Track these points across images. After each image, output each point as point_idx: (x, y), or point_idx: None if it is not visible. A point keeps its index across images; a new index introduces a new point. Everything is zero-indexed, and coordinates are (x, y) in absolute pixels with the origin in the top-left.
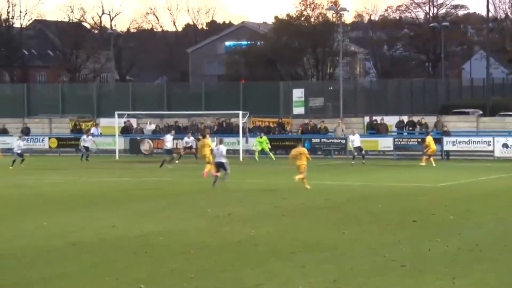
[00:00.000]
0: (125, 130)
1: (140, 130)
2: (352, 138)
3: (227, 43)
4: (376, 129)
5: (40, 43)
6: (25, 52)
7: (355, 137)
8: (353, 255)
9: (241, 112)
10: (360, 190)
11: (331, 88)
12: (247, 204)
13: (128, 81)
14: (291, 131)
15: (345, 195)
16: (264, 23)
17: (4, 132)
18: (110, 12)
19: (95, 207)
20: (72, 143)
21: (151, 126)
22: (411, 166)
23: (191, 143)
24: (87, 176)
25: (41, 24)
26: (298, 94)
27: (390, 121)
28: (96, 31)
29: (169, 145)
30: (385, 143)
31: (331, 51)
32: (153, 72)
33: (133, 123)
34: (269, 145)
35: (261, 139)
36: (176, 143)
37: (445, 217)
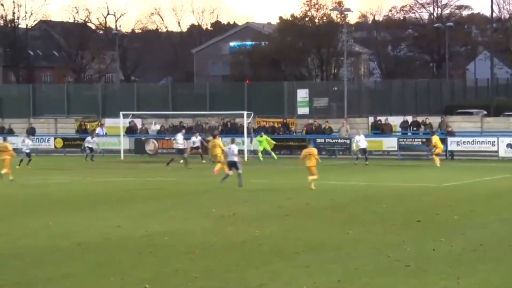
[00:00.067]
0: (130, 130)
1: (145, 130)
2: (358, 138)
3: (231, 43)
4: (381, 129)
5: (46, 44)
6: (31, 53)
7: (360, 137)
8: (358, 255)
9: (245, 112)
10: (364, 190)
11: (336, 89)
12: (251, 204)
13: (133, 81)
14: (295, 131)
15: (349, 195)
16: (269, 24)
17: (10, 132)
18: (115, 12)
19: (100, 207)
20: (77, 143)
21: (156, 126)
22: (415, 166)
23: (197, 143)
24: (92, 176)
25: (47, 25)
26: (302, 94)
27: (395, 121)
28: (101, 32)
29: (181, 145)
30: (390, 143)
31: (335, 51)
32: (158, 72)
33: (138, 123)
34: (271, 144)
35: (261, 138)
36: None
37: (449, 217)
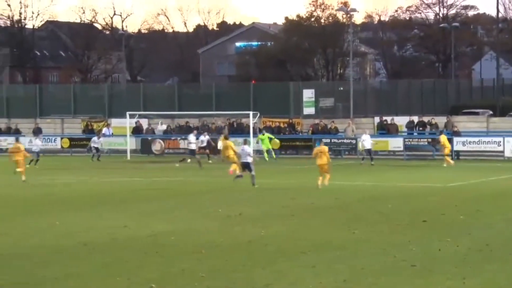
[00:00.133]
0: (136, 131)
1: (152, 131)
2: (364, 137)
3: (237, 43)
4: (386, 129)
5: (52, 44)
6: (37, 53)
7: (366, 137)
8: (363, 255)
9: (251, 113)
10: (370, 190)
11: (341, 89)
12: (257, 204)
13: (139, 81)
14: (301, 131)
15: (355, 195)
16: (274, 24)
17: (16, 132)
18: (121, 13)
19: (106, 207)
20: (84, 143)
21: (162, 127)
22: (421, 166)
23: (205, 142)
24: (99, 176)
25: (53, 25)
26: (308, 94)
27: (400, 121)
28: (108, 32)
29: (193, 145)
30: (395, 143)
31: (341, 51)
32: (164, 72)
33: (144, 123)
34: (275, 143)
35: (263, 136)
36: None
37: (455, 217)
